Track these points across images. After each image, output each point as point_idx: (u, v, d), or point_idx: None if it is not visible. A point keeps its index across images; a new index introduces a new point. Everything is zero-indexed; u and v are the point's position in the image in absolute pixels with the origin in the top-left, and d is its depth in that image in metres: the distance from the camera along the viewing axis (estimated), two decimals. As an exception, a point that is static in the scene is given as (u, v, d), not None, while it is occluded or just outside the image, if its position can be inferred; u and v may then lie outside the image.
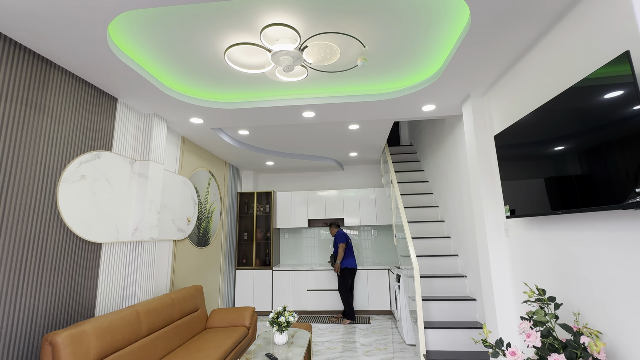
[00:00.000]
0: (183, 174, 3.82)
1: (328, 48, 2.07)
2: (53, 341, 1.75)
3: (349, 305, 4.61)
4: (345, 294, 4.64)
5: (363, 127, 3.80)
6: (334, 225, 4.99)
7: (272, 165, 5.55)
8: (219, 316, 3.30)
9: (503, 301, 2.41)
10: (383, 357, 3.35)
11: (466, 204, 3.29)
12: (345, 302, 4.63)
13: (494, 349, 1.68)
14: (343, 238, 4.76)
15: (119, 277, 2.66)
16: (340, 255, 4.66)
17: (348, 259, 4.72)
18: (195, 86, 2.79)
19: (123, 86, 2.51)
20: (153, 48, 2.22)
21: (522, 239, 2.25)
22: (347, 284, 4.67)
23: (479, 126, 2.70)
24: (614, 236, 1.48)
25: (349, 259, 4.72)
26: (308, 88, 2.87)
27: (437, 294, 3.41)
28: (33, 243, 1.95)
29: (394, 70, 2.61)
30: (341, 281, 4.68)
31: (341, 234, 4.82)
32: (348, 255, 4.75)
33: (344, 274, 4.67)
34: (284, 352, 2.39)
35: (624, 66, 1.30)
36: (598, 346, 1.40)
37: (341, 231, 4.86)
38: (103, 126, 2.57)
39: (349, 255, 4.75)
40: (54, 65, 2.15)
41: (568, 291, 1.81)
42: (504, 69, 2.35)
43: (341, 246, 4.69)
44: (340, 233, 4.83)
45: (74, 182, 2.26)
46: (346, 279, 4.66)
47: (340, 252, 4.67)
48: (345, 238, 4.76)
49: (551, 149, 1.75)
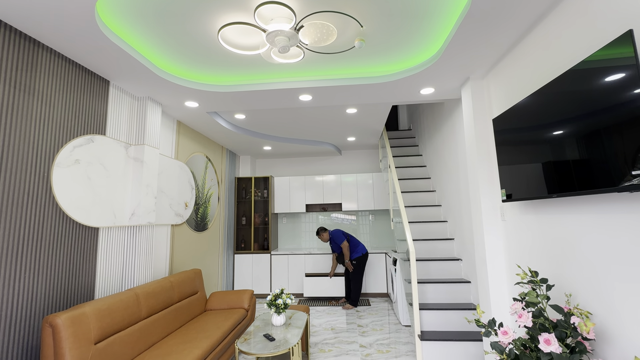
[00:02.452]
0: (179, 159, 3.80)
1: (325, 28, 2.01)
2: (53, 323, 1.78)
3: (357, 292, 4.58)
4: (359, 282, 4.59)
5: (361, 111, 3.75)
6: (321, 230, 4.78)
7: (270, 150, 5.52)
8: (218, 299, 3.36)
9: (497, 283, 2.45)
10: (379, 337, 3.44)
11: (463, 188, 3.29)
12: (355, 289, 4.57)
13: (487, 329, 1.72)
14: (342, 236, 4.63)
15: (118, 261, 2.68)
16: (347, 254, 4.57)
17: (356, 247, 4.65)
18: (190, 69, 2.72)
19: (115, 68, 2.45)
20: (144, 29, 2.15)
21: (518, 222, 2.26)
22: (362, 272, 4.63)
23: (478, 109, 2.67)
24: (608, 219, 1.49)
25: (357, 247, 4.65)
26: (305, 70, 2.81)
27: (433, 277, 3.46)
28: (29, 227, 1.95)
29: (392, 52, 2.55)
30: (356, 270, 4.59)
31: (337, 233, 4.67)
32: (355, 244, 4.68)
33: (359, 263, 4.60)
34: (282, 333, 2.44)
35: (626, 48, 1.27)
36: (588, 326, 1.43)
37: (335, 231, 4.73)
38: (96, 109, 2.52)
39: (354, 245, 4.67)
40: (43, 46, 2.08)
41: (561, 273, 1.84)
42: (504, 49, 2.29)
43: (344, 245, 4.58)
44: (335, 233, 4.68)
45: (68, 167, 2.23)
46: (361, 267, 4.61)
47: (346, 251, 4.57)
48: (343, 235, 4.65)
49: (548, 132, 1.73)
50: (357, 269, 4.59)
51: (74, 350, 1.79)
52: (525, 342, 1.61)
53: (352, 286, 4.61)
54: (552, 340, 1.44)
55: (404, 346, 3.20)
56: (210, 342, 2.43)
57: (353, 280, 4.60)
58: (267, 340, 2.32)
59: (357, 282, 4.59)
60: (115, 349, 2.07)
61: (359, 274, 4.60)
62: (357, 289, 4.59)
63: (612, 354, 1.49)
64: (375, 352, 3.09)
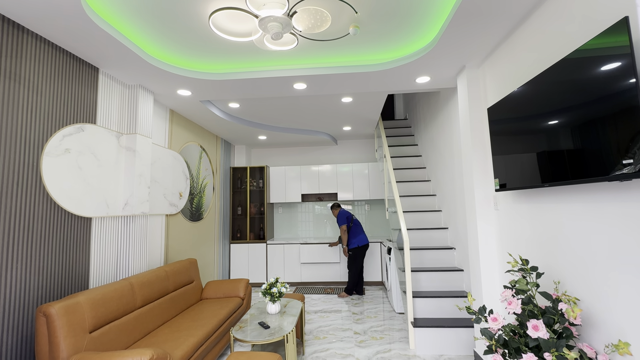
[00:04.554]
0: (173, 148, 3.76)
1: (318, 14, 1.96)
2: (47, 312, 1.78)
3: (351, 282, 4.55)
4: (354, 273, 4.54)
5: (356, 100, 3.72)
6: (335, 206, 4.81)
7: (265, 140, 5.48)
8: (214, 288, 3.38)
9: (489, 271, 2.49)
10: (373, 325, 3.50)
11: (457, 178, 3.31)
12: (350, 279, 4.55)
13: (477, 316, 1.75)
14: (344, 219, 4.59)
15: (112, 251, 2.68)
16: (344, 239, 4.54)
17: (356, 237, 4.54)
18: (181, 56, 2.67)
19: (103, 55, 2.39)
20: (133, 15, 2.09)
21: (510, 211, 2.28)
22: (358, 264, 4.53)
23: (473, 98, 2.66)
24: (598, 208, 1.51)
25: (357, 237, 4.54)
26: (299, 58, 2.77)
27: (427, 266, 3.51)
28: (20, 218, 1.93)
29: (388, 40, 2.51)
30: (350, 260, 4.56)
31: (342, 214, 4.62)
32: (355, 233, 4.57)
33: (355, 253, 4.54)
34: (277, 321, 2.47)
35: (621, 36, 1.25)
36: (575, 312, 1.46)
37: (342, 211, 4.66)
38: (85, 98, 2.47)
39: (356, 233, 4.57)
40: (28, 32, 2.02)
41: (551, 261, 1.87)
42: (501, 37, 2.27)
43: (342, 229, 4.55)
44: (341, 214, 4.63)
45: (58, 156, 2.20)
46: (357, 258, 4.53)
47: (342, 235, 4.55)
48: (346, 219, 4.59)
49: (542, 121, 1.73)
50: (351, 259, 4.57)
51: (69, 339, 1.80)
52: (515, 328, 1.64)
53: (348, 274, 4.63)
54: (540, 326, 1.47)
55: (398, 333, 3.26)
56: (206, 330, 2.46)
57: (348, 268, 4.61)
58: (262, 328, 2.35)
59: (352, 272, 4.57)
60: (111, 338, 2.08)
61: (353, 264, 4.56)
62: (352, 278, 4.57)
63: (598, 338, 1.53)
64: (369, 338, 3.15)
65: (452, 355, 2.76)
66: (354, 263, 4.56)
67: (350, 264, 4.59)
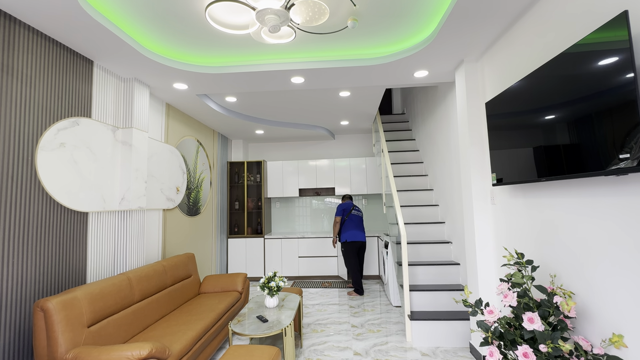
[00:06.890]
0: (169, 143, 3.73)
1: (317, 6, 1.94)
2: (45, 307, 1.78)
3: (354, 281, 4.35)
4: (349, 270, 4.38)
5: (354, 94, 3.70)
6: (346, 197, 4.72)
7: (262, 134, 5.45)
8: (212, 282, 3.39)
9: (485, 265, 2.51)
10: (370, 318, 3.53)
11: (455, 172, 3.31)
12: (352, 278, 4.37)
13: (473, 308, 1.77)
14: (339, 211, 4.47)
15: (109, 246, 2.67)
16: (334, 231, 4.46)
17: (346, 231, 4.37)
18: (178, 49, 2.63)
19: (98, 47, 2.35)
20: (129, 6, 2.05)
21: (507, 205, 2.30)
22: (349, 259, 4.34)
23: (472, 93, 2.65)
24: (594, 202, 1.52)
25: (347, 232, 4.36)
26: (296, 52, 2.74)
27: (424, 260, 3.53)
28: (15, 212, 1.91)
29: (386, 33, 2.49)
30: (343, 256, 4.44)
31: (340, 207, 4.52)
32: (347, 228, 4.39)
33: (345, 248, 4.37)
34: (275, 315, 2.49)
35: (620, 30, 1.25)
36: (569, 305, 1.48)
37: (342, 204, 4.55)
38: (80, 91, 2.44)
39: (348, 227, 4.39)
40: (20, 23, 1.98)
41: (547, 255, 1.89)
42: (499, 31, 2.26)
43: (334, 220, 4.48)
44: (339, 206, 4.53)
45: (53, 150, 2.18)
46: (346, 253, 4.36)
47: (334, 227, 4.48)
48: (341, 212, 4.46)
49: (539, 116, 1.73)
50: (343, 254, 4.44)
51: (67, 334, 1.80)
52: (510, 320, 1.67)
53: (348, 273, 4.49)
54: (535, 319, 1.49)
55: (394, 326, 3.29)
56: (204, 323, 2.47)
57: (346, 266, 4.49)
58: (260, 321, 2.36)
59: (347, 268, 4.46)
60: (109, 332, 2.09)
61: (345, 258, 4.42)
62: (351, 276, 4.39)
63: (592, 331, 1.55)
64: (366, 331, 3.18)
65: (448, 347, 2.80)
66: (345, 259, 4.42)
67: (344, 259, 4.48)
